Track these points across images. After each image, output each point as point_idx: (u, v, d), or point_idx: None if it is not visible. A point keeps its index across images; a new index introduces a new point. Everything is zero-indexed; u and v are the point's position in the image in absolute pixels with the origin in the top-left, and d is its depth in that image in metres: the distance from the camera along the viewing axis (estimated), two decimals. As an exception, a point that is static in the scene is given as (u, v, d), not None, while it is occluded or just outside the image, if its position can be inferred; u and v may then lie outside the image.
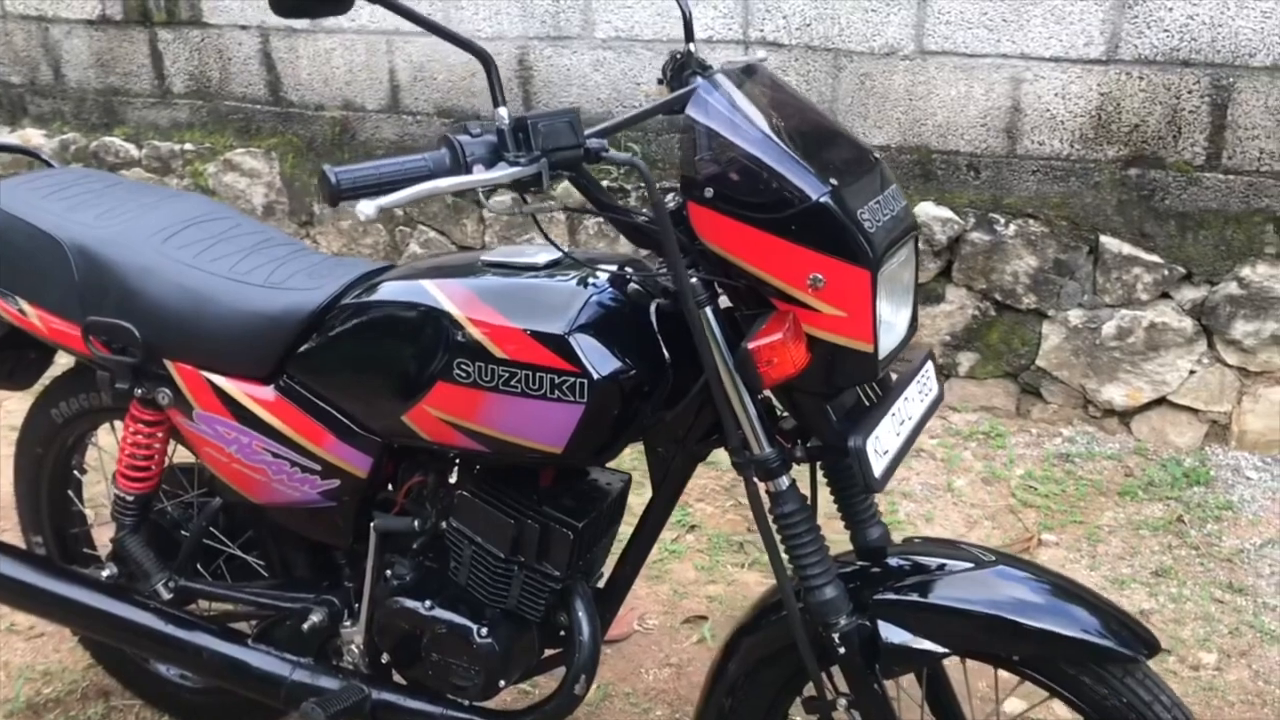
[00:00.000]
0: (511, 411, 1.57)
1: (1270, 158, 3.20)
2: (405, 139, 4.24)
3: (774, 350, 1.36)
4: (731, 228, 1.39)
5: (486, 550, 1.71)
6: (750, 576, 2.91)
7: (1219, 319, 3.35)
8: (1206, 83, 3.19)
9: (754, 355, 1.37)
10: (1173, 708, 1.49)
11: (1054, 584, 1.56)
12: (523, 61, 3.97)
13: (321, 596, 1.92)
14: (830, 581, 1.53)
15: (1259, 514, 3.18)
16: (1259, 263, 3.27)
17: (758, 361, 1.37)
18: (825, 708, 1.60)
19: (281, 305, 1.77)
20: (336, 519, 1.82)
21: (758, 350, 1.37)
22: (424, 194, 1.27)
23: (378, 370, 1.69)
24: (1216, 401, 3.43)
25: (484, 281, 1.62)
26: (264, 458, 1.81)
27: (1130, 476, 3.39)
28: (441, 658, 1.77)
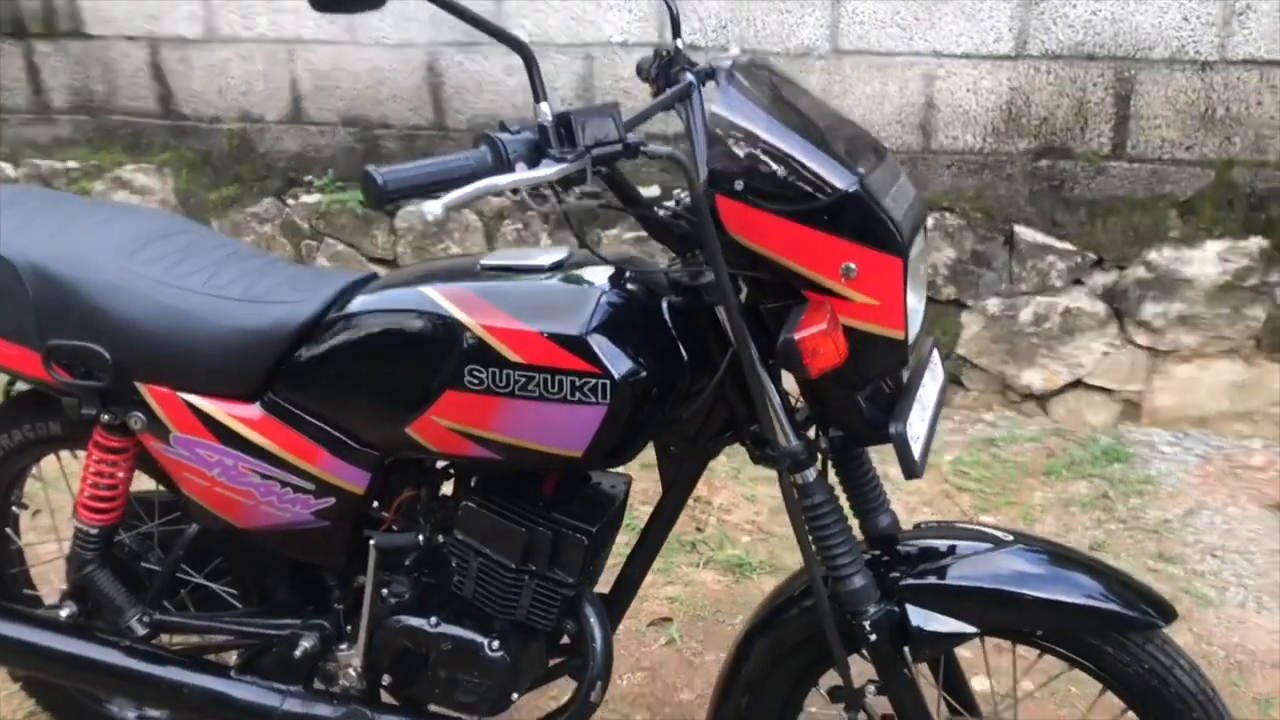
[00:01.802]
0: (529, 417, 1.53)
1: (1172, 145, 3.35)
2: (309, 150, 4.13)
3: (818, 341, 1.37)
4: (763, 220, 1.39)
5: (495, 561, 1.67)
6: (707, 575, 2.92)
7: (1129, 302, 3.50)
8: (1110, 75, 3.33)
9: (799, 346, 1.37)
10: (1191, 671, 1.54)
11: (1071, 559, 1.61)
12: (432, 68, 3.90)
13: (311, 621, 1.85)
14: (859, 570, 1.54)
15: (1177, 486, 3.33)
16: (1164, 246, 3.42)
17: (803, 352, 1.37)
18: (854, 696, 1.61)
19: (267, 319, 1.69)
20: (331, 539, 1.75)
21: (803, 341, 1.37)
22: (482, 192, 1.23)
23: (379, 381, 1.63)
24: (1128, 381, 3.58)
25: (492, 285, 1.59)
26: (251, 480, 1.73)
27: (1053, 457, 3.50)
28: (450, 674, 1.72)
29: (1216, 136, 3.32)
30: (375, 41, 3.91)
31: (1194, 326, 3.47)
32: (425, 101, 3.94)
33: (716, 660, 2.59)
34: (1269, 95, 3.25)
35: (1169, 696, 1.53)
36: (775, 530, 3.11)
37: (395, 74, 3.94)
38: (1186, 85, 3.29)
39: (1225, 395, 3.51)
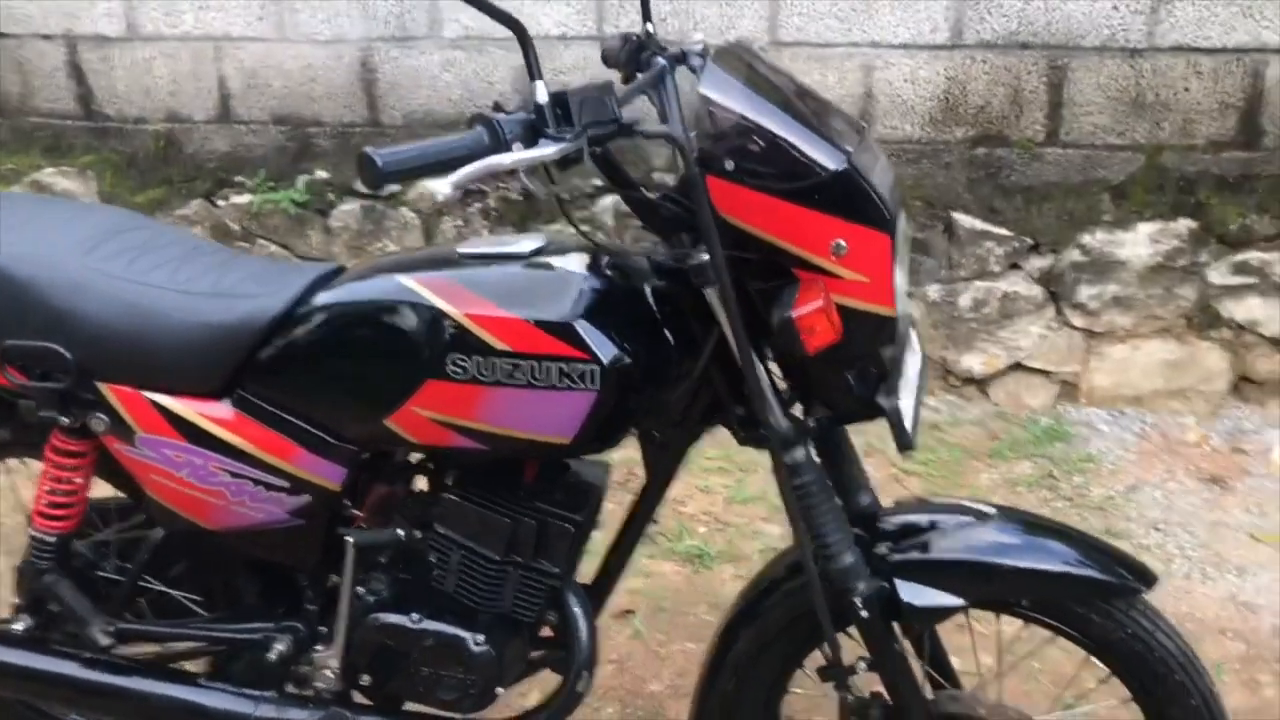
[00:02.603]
0: (516, 405, 1.52)
1: (1104, 131, 3.44)
2: (239, 150, 4.03)
3: (815, 318, 1.37)
4: (753, 199, 1.39)
5: (478, 554, 1.65)
6: (666, 567, 2.91)
7: (1065, 285, 3.58)
8: (1044, 64, 3.40)
9: (797, 324, 1.37)
10: (1172, 634, 1.58)
11: (1052, 529, 1.64)
12: (366, 64, 3.84)
13: (284, 623, 1.80)
14: (849, 548, 1.55)
15: (1117, 463, 3.42)
16: (1098, 230, 3.51)
17: (801, 330, 1.38)
18: (843, 674, 1.61)
19: (236, 314, 1.65)
20: (305, 538, 1.72)
21: (801, 319, 1.37)
22: (485, 171, 1.21)
23: (356, 374, 1.60)
24: (1066, 362, 3.66)
25: (472, 273, 1.57)
26: (221, 479, 1.68)
27: (996, 439, 3.57)
28: (433, 671, 1.69)
29: (1146, 122, 3.41)
30: (306, 38, 3.84)
31: (1127, 308, 3.56)
32: (359, 98, 3.88)
33: (683, 650, 2.59)
34: (1195, 81, 3.35)
35: (1152, 660, 1.56)
36: (731, 520, 3.12)
37: (328, 71, 3.87)
38: (1117, 72, 3.38)
39: (1159, 374, 3.61)
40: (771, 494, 3.18)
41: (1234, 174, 3.42)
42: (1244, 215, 3.43)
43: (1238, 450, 3.44)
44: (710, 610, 2.73)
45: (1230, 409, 3.61)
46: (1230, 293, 3.49)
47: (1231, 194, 3.44)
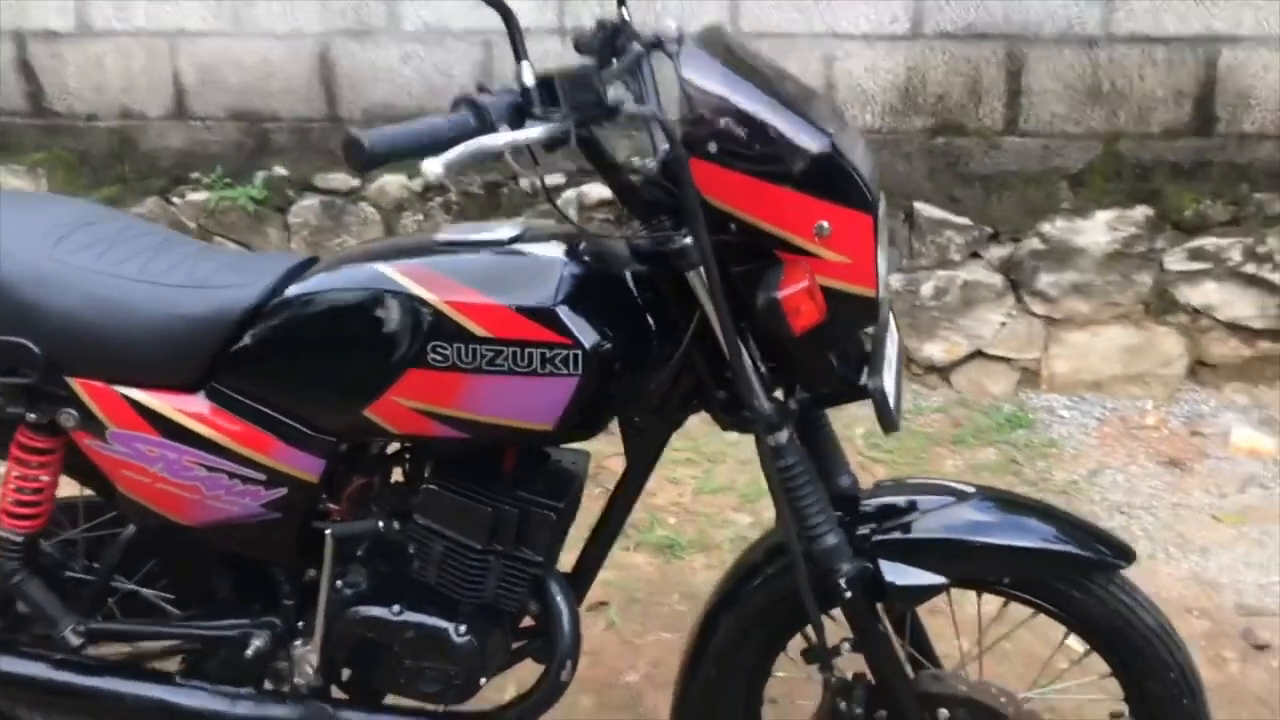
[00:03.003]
0: (497, 392, 1.51)
1: (1061, 120, 3.48)
2: (195, 147, 3.97)
3: (800, 299, 1.38)
4: (736, 181, 1.39)
5: (460, 543, 1.64)
6: (638, 558, 2.91)
7: (1025, 272, 3.62)
8: (1002, 53, 3.44)
9: (783, 305, 1.38)
10: (1151, 608, 1.61)
11: (1031, 506, 1.66)
12: (324, 58, 3.80)
13: (261, 619, 1.78)
14: (832, 529, 1.56)
15: (1079, 448, 3.46)
16: (1057, 218, 3.55)
17: (787, 311, 1.38)
18: (827, 655, 1.62)
19: (210, 305, 1.62)
20: (283, 531, 1.69)
21: (786, 300, 1.37)
22: (475, 152, 1.20)
23: (335, 364, 1.59)
24: (1026, 349, 3.71)
25: (451, 260, 1.55)
26: (196, 473, 1.65)
27: (959, 426, 3.60)
28: (415, 663, 1.68)
29: (1103, 110, 3.46)
30: (263, 32, 3.79)
31: (1086, 294, 3.61)
32: (317, 93, 3.84)
33: (658, 640, 2.59)
34: (1151, 70, 3.40)
35: (1131, 635, 1.58)
36: (701, 510, 3.12)
37: (285, 65, 3.83)
38: (1074, 61, 3.42)
39: (1118, 359, 3.66)
40: (740, 483, 3.23)
41: (1189, 161, 3.48)
42: (1199, 201, 3.49)
43: (1196, 433, 3.50)
44: (683, 600, 2.74)
45: (1188, 393, 3.67)
46: (1186, 278, 3.55)
47: (1186, 181, 3.50)
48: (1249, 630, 2.59)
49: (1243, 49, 3.35)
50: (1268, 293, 3.50)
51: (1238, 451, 3.38)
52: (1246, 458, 3.35)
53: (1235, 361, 3.60)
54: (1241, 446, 3.39)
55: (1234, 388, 3.62)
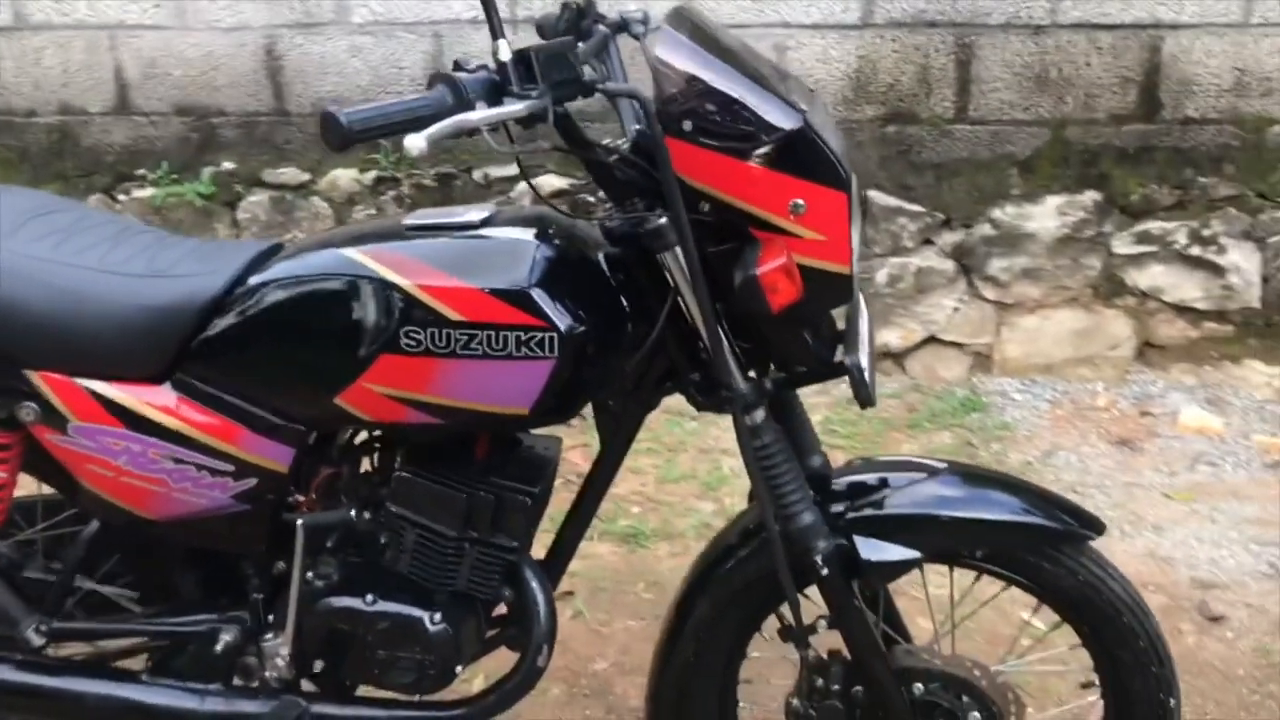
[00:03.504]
0: (472, 376, 1.50)
1: (1010, 107, 3.53)
2: (139, 142, 3.90)
3: (778, 276, 1.38)
4: (711, 160, 1.39)
5: (434, 531, 1.63)
6: (603, 548, 2.91)
7: (976, 258, 3.66)
8: (951, 41, 3.48)
9: (761, 282, 1.38)
10: (1121, 579, 1.63)
11: (1002, 481, 1.68)
12: (271, 52, 3.75)
13: (229, 614, 1.75)
14: (808, 508, 1.56)
15: (1032, 430, 3.51)
16: (1007, 204, 3.60)
17: (765, 289, 1.38)
18: (804, 634, 1.63)
19: (174, 294, 1.60)
20: (252, 523, 1.67)
21: (765, 277, 1.38)
22: (455, 127, 1.20)
23: (305, 351, 1.57)
24: (978, 334, 3.75)
25: (423, 244, 1.54)
26: (163, 466, 1.62)
27: (915, 411, 3.63)
28: (389, 653, 1.66)
29: (1051, 97, 3.51)
30: (207, 25, 3.73)
31: (1037, 279, 3.66)
32: (264, 86, 3.78)
33: (625, 628, 2.59)
34: (1096, 57, 3.45)
35: (1102, 604, 1.61)
36: (663, 499, 3.12)
37: (230, 59, 3.77)
38: (1022, 49, 3.46)
39: (1068, 342, 3.72)
40: (701, 472, 3.24)
41: (1134, 146, 3.53)
42: (1145, 186, 3.55)
43: (1145, 414, 3.56)
44: (649, 588, 2.74)
45: (1136, 374, 3.73)
46: (1133, 261, 3.61)
47: (1133, 166, 3.56)
48: (1204, 603, 2.65)
49: (1185, 35, 3.41)
50: (1213, 275, 3.57)
51: (1186, 431, 3.45)
52: (1195, 436, 3.42)
53: (1182, 343, 3.67)
54: (1190, 426, 3.45)
55: (1181, 368, 3.69)
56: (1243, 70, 3.42)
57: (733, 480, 3.22)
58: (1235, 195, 3.51)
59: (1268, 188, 3.49)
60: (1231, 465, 3.29)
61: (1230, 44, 3.40)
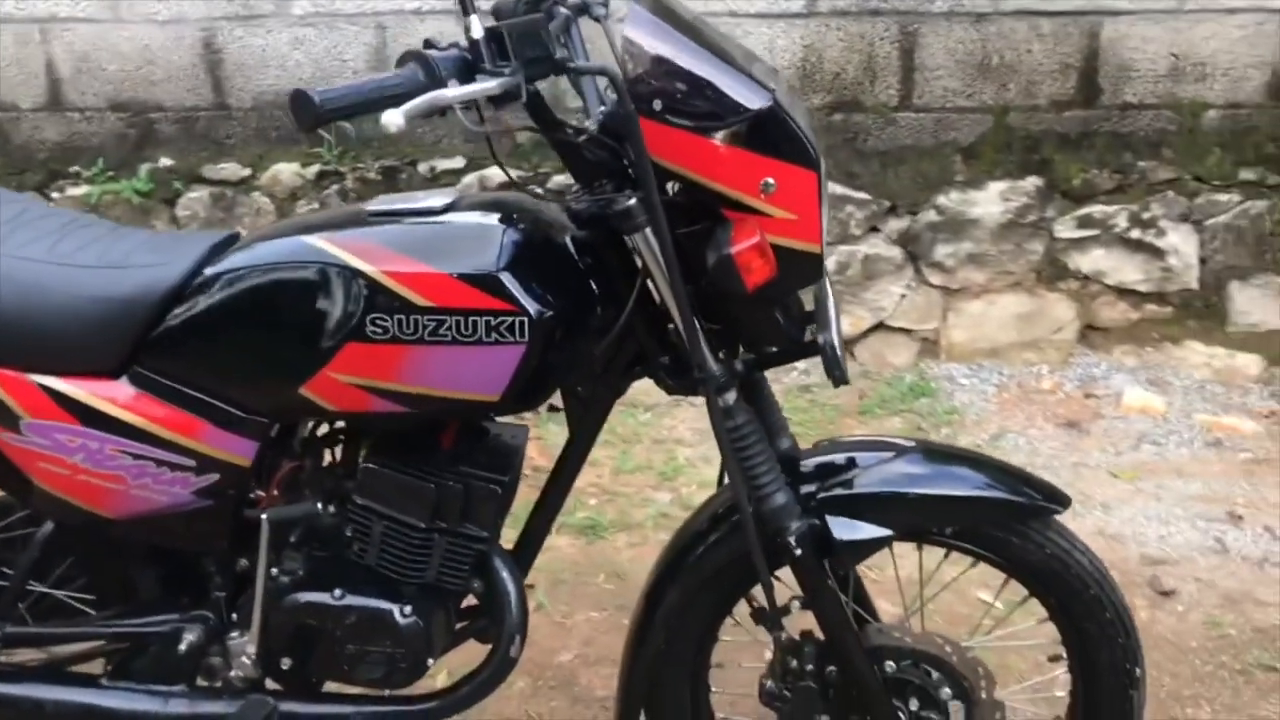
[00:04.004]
0: (441, 363, 1.48)
1: (953, 94, 3.57)
2: (74, 139, 3.81)
3: (752, 255, 1.38)
4: (682, 140, 1.39)
5: (402, 522, 1.60)
6: (561, 540, 2.89)
7: (922, 245, 3.70)
8: (895, 30, 3.51)
9: (736, 261, 1.38)
10: (1086, 551, 1.66)
11: (969, 458, 1.70)
12: (209, 45, 3.68)
13: (192, 613, 1.71)
14: (781, 488, 1.56)
15: (980, 414, 3.55)
16: (952, 190, 3.64)
17: (739, 268, 1.38)
18: (777, 615, 1.63)
19: (129, 286, 1.56)
20: (215, 520, 1.64)
21: (739, 255, 1.37)
22: (432, 104, 1.18)
23: (268, 341, 1.54)
24: (925, 320, 3.79)
25: (388, 230, 1.52)
26: (121, 462, 1.58)
27: (865, 397, 3.66)
28: (359, 648, 1.64)
29: (993, 84, 3.55)
30: (143, 18, 3.65)
31: (981, 264, 3.70)
32: (203, 81, 3.71)
33: (587, 620, 2.58)
34: (1038, 43, 3.50)
35: (1069, 577, 1.63)
36: (620, 490, 3.11)
37: (168, 53, 3.69)
38: (964, 37, 3.50)
39: (1013, 327, 3.77)
40: (657, 462, 3.24)
41: (1075, 131, 3.59)
42: (1085, 171, 3.61)
43: (1090, 395, 3.62)
44: (609, 579, 2.73)
45: (1080, 357, 3.79)
46: (1076, 245, 3.67)
47: (1073, 151, 3.61)
48: (1155, 578, 2.70)
49: (1123, 22, 3.47)
50: (1153, 257, 3.64)
51: (1130, 411, 3.51)
52: (1138, 416, 3.48)
53: (1123, 325, 3.74)
54: (1133, 406, 3.51)
55: (1123, 350, 3.75)
56: (1178, 56, 3.49)
57: (688, 470, 3.22)
58: (1173, 179, 3.58)
59: (1204, 171, 3.56)
60: (1174, 444, 3.36)
61: (1166, 30, 3.47)
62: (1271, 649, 2.43)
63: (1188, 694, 2.30)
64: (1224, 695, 2.30)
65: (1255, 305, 3.64)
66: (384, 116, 1.16)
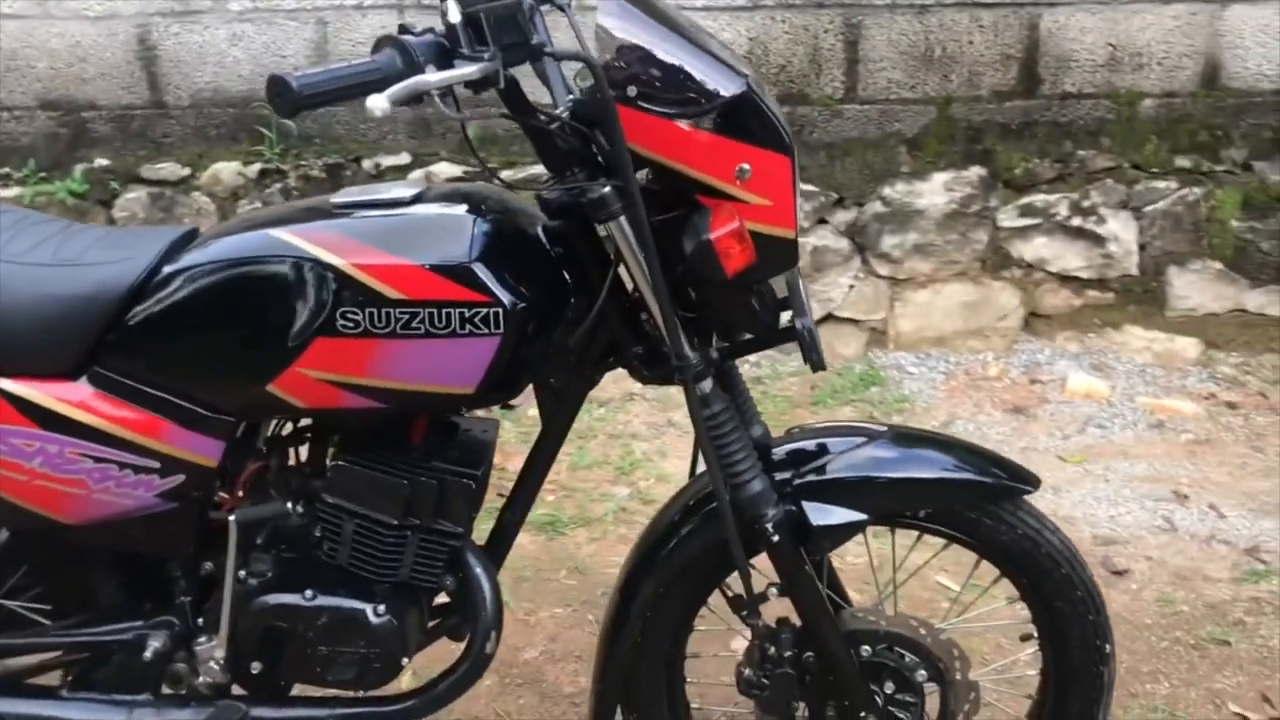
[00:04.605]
0: (415, 356, 1.45)
1: (898, 86, 3.60)
2: (4, 139, 3.71)
3: (732, 241, 1.37)
4: (657, 126, 1.38)
5: (374, 520, 1.58)
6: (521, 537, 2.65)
7: (869, 236, 3.73)
8: (840, 22, 3.53)
9: (716, 246, 1.37)
10: (1055, 530, 1.68)
11: (940, 441, 1.71)
12: (144, 41, 3.60)
13: (156, 620, 1.67)
14: (758, 475, 1.56)
15: (929, 401, 3.60)
16: (897, 181, 3.68)
17: (719, 253, 1.37)
18: (755, 602, 1.63)
19: (87, 284, 1.51)
20: (180, 522, 1.60)
21: (719, 241, 1.37)
22: (415, 89, 1.15)
23: (234, 338, 1.50)
24: (873, 310, 3.82)
25: (356, 222, 1.49)
26: (82, 466, 1.54)
27: (816, 388, 3.68)
28: (332, 649, 1.61)
29: (936, 75, 3.59)
30: (74, 14, 3.56)
31: (927, 254, 3.75)
32: (139, 79, 3.63)
33: (552, 616, 2.56)
34: (979, 34, 3.55)
35: (1040, 556, 1.65)
36: (577, 486, 3.10)
37: (101, 49, 3.60)
38: (907, 28, 3.54)
39: (958, 315, 3.81)
40: (613, 457, 3.23)
41: (1016, 121, 3.65)
42: (1027, 160, 3.67)
43: (1035, 381, 3.68)
44: (571, 574, 2.72)
45: (1024, 343, 3.85)
46: (1019, 234, 3.73)
47: (1015, 140, 3.67)
48: (1107, 558, 2.74)
49: (1062, 12, 3.53)
50: (1093, 244, 3.70)
51: (1074, 396, 3.58)
52: (1083, 401, 3.55)
53: (1066, 311, 3.80)
54: (1078, 391, 3.58)
55: (1066, 336, 3.82)
56: (1115, 46, 3.56)
57: (645, 464, 3.22)
58: (1112, 167, 3.65)
59: (1142, 158, 3.64)
60: (1119, 427, 3.43)
61: (1103, 20, 3.54)
62: (1223, 623, 2.49)
63: (1146, 670, 2.34)
64: (1180, 670, 2.35)
65: (1193, 290, 3.72)
66: (369, 101, 1.14)
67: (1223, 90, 3.57)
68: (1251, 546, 2.78)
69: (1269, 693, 2.28)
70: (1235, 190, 3.61)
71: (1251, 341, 3.77)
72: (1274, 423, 3.43)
